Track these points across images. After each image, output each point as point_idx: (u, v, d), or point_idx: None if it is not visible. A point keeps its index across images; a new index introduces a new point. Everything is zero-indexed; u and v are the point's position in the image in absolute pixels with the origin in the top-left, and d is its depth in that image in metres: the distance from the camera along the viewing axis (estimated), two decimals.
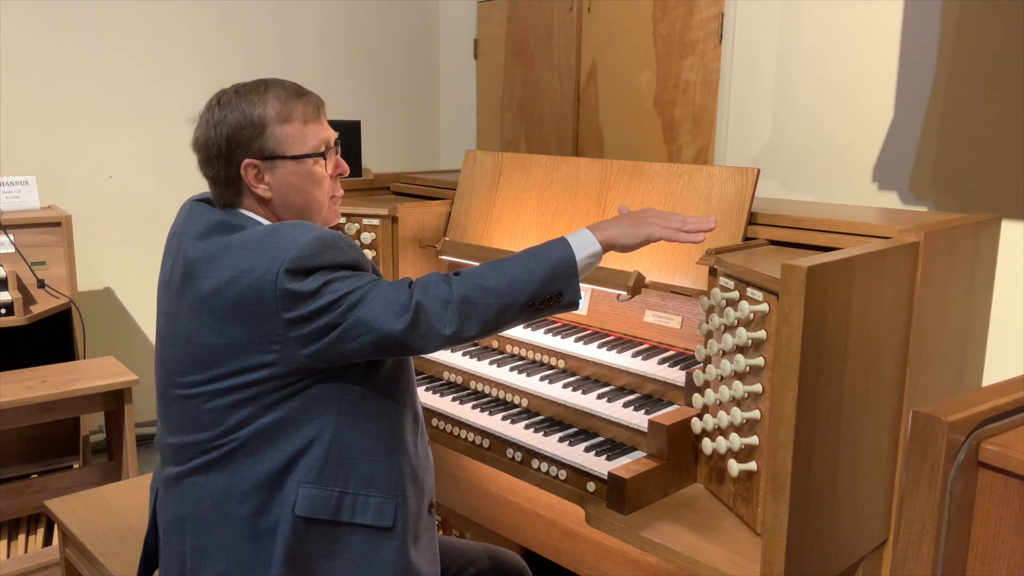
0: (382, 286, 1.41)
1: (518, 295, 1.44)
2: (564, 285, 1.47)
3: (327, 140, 1.55)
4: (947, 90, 2.63)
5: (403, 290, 1.40)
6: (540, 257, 1.47)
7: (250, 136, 1.48)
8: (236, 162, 1.49)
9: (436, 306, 1.40)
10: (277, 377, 1.41)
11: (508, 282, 1.43)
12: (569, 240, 1.50)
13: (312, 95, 1.57)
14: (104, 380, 2.77)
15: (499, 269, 1.45)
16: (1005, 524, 0.97)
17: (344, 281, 1.40)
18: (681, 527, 1.64)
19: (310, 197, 1.54)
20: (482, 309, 1.42)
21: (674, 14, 3.33)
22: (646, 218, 1.57)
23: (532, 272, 1.45)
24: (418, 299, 1.39)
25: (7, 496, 2.89)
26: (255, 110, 1.49)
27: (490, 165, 2.54)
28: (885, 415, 1.64)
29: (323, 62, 4.22)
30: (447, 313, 1.40)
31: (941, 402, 0.99)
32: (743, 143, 3.20)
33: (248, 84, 1.53)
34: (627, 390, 2.02)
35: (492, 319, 1.44)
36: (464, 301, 1.41)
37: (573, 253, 1.48)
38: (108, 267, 3.73)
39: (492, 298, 1.42)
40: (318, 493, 1.44)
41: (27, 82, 3.44)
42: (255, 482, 1.45)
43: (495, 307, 1.43)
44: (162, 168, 3.76)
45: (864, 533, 1.66)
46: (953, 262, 1.78)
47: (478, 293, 1.42)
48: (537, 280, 1.44)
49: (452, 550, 1.82)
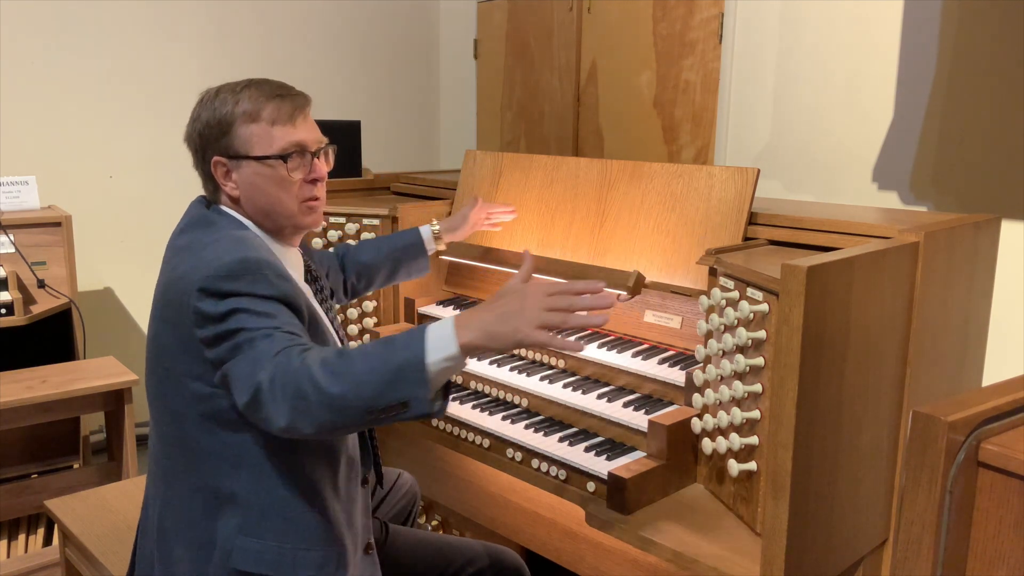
0: (263, 345, 1.28)
1: (356, 400, 1.22)
2: (410, 393, 1.22)
3: (299, 143, 1.52)
4: (947, 90, 2.63)
5: (262, 362, 1.26)
6: (387, 355, 1.24)
7: (218, 134, 1.50)
8: (208, 159, 1.52)
9: (276, 395, 1.24)
10: (206, 397, 1.39)
11: (351, 383, 1.22)
12: (427, 336, 1.25)
13: (293, 97, 1.54)
14: (104, 380, 2.77)
15: (348, 363, 1.24)
16: (1005, 524, 0.97)
17: (250, 317, 1.31)
18: (681, 527, 1.64)
19: (274, 199, 1.52)
20: (316, 410, 1.23)
21: (674, 14, 3.33)
22: (524, 313, 1.26)
23: (374, 372, 1.22)
24: (261, 380, 1.25)
25: (7, 496, 2.89)
26: (225, 108, 1.50)
27: (490, 165, 2.54)
28: (885, 415, 1.64)
29: (323, 62, 4.22)
30: (283, 407, 1.24)
31: (941, 402, 0.99)
32: (743, 143, 3.20)
33: (231, 83, 1.54)
34: (627, 390, 2.02)
35: (327, 423, 1.25)
36: (298, 397, 1.23)
37: (423, 355, 1.23)
38: (108, 267, 3.73)
39: (325, 399, 1.22)
40: (254, 545, 1.42)
41: (27, 82, 3.44)
42: (194, 512, 1.44)
43: (328, 411, 1.23)
44: (162, 168, 3.76)
45: (864, 533, 1.66)
46: (953, 262, 1.78)
47: (313, 391, 1.22)
48: (377, 383, 1.22)
49: (451, 549, 1.83)
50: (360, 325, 2.55)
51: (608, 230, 2.21)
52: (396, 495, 2.04)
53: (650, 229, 2.12)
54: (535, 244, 2.36)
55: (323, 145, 1.58)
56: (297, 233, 1.60)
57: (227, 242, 1.40)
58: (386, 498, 2.01)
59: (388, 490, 2.03)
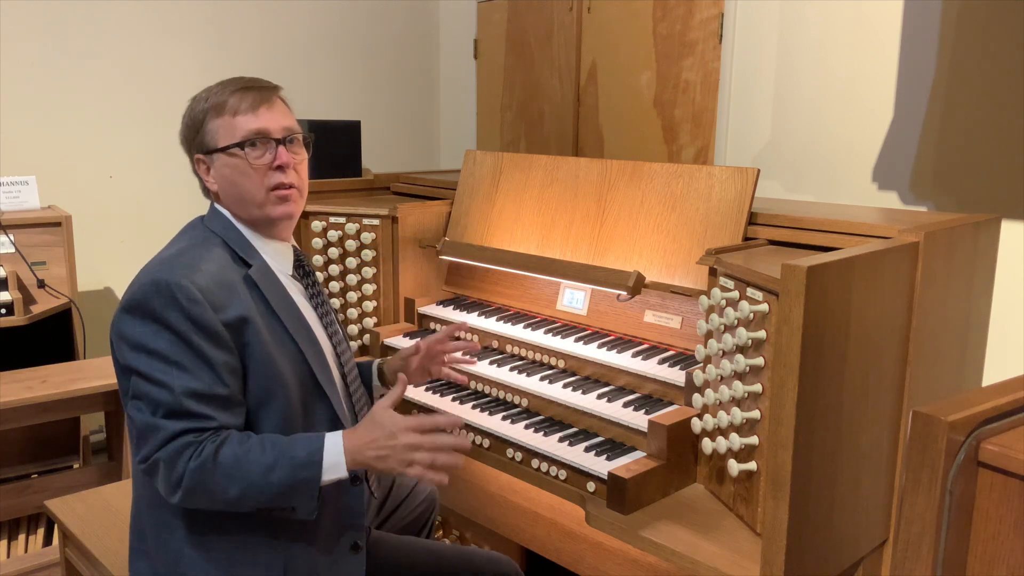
0: (164, 423, 1.36)
1: (245, 501, 1.38)
2: (300, 503, 1.40)
3: (260, 131, 1.52)
4: (947, 90, 2.63)
5: (159, 439, 1.36)
6: (282, 473, 1.37)
7: (194, 132, 1.56)
8: (192, 158, 1.58)
9: (171, 477, 1.36)
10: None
11: (240, 489, 1.36)
12: (324, 460, 1.39)
13: (259, 89, 1.56)
14: (104, 380, 2.77)
15: (242, 470, 1.36)
16: (1005, 524, 0.97)
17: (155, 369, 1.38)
18: (681, 527, 1.64)
19: (241, 189, 1.54)
20: (205, 502, 1.38)
21: (674, 14, 3.33)
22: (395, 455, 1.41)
23: (268, 486, 1.36)
24: (159, 458, 1.37)
25: (7, 496, 2.89)
26: (198, 107, 1.55)
27: (490, 165, 2.54)
28: (885, 415, 1.64)
29: (323, 62, 4.21)
30: (177, 492, 1.37)
31: (941, 402, 0.99)
32: (743, 143, 3.20)
33: (213, 84, 1.58)
34: (627, 390, 2.02)
35: (220, 508, 1.40)
36: (191, 491, 1.36)
37: (320, 475, 1.39)
38: (108, 267, 3.73)
39: (218, 497, 1.37)
40: (201, 554, 1.46)
41: (27, 82, 3.44)
42: (153, 520, 1.50)
43: (221, 504, 1.38)
44: (162, 168, 3.76)
45: (864, 533, 1.66)
46: (953, 262, 1.78)
47: (204, 489, 1.36)
48: (271, 495, 1.37)
49: (444, 557, 1.80)
50: (360, 325, 2.55)
51: (608, 230, 2.21)
52: (413, 502, 2.02)
53: (650, 229, 2.12)
54: (535, 244, 2.36)
55: (291, 133, 1.57)
56: (272, 225, 1.58)
57: (154, 263, 1.46)
58: (401, 505, 1.99)
59: (405, 496, 2.01)
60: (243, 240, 1.55)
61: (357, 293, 2.54)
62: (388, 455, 1.41)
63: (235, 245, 1.54)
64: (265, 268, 1.54)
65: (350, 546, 1.56)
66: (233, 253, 1.53)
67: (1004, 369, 2.35)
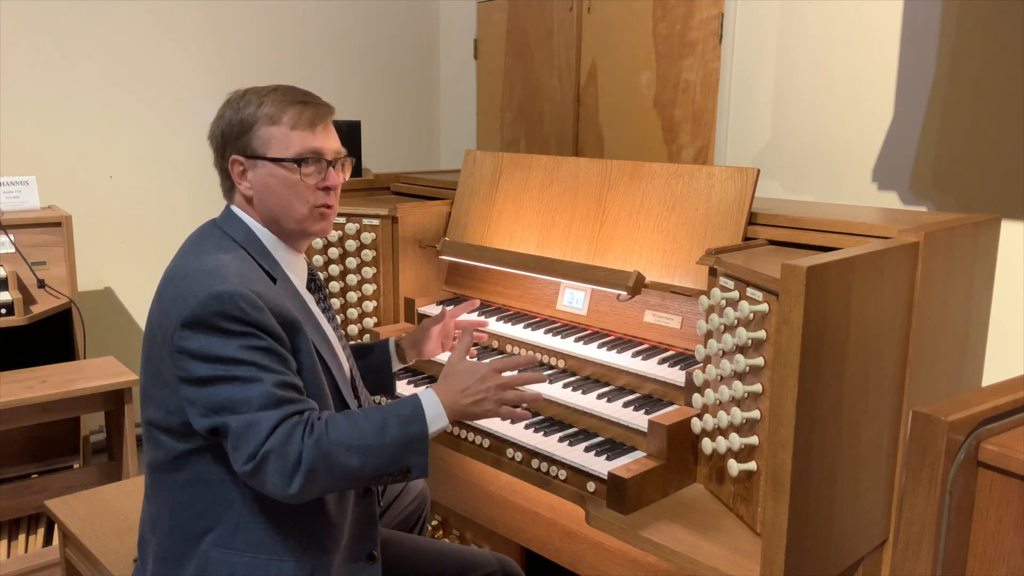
0: (264, 416, 1.34)
1: (365, 469, 1.38)
2: (414, 461, 1.42)
3: (316, 150, 1.53)
4: (947, 90, 2.63)
5: (261, 429, 1.33)
6: (395, 432, 1.40)
7: (239, 133, 1.53)
8: (227, 156, 1.55)
9: (286, 464, 1.33)
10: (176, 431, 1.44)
11: (360, 456, 1.37)
12: (425, 412, 1.45)
13: (317, 106, 1.56)
14: (104, 380, 2.77)
15: (357, 435, 1.38)
16: (1005, 524, 0.97)
17: (239, 369, 1.35)
18: (681, 527, 1.64)
19: (285, 202, 1.53)
20: (326, 480, 1.36)
21: (674, 14, 3.33)
22: (490, 399, 1.53)
23: (383, 448, 1.39)
24: (269, 449, 1.32)
25: (7, 496, 2.89)
26: (249, 109, 1.53)
27: (490, 165, 2.54)
28: (885, 415, 1.64)
29: (324, 62, 4.21)
30: (296, 477, 1.33)
31: (941, 402, 0.99)
32: (743, 143, 3.20)
33: (259, 87, 1.56)
34: (627, 390, 2.02)
35: (333, 489, 1.43)
36: (312, 471, 1.34)
37: (427, 428, 1.44)
38: (108, 267, 3.73)
39: (339, 470, 1.36)
40: (229, 558, 1.43)
41: (27, 82, 3.44)
42: (174, 523, 1.47)
43: (342, 480, 1.39)
44: (162, 168, 3.76)
45: (864, 533, 1.66)
46: (953, 262, 1.78)
47: (327, 465, 1.35)
48: (387, 457, 1.39)
49: (449, 556, 1.81)
50: (360, 325, 2.55)
51: (608, 230, 2.21)
52: (405, 499, 2.03)
53: (650, 229, 2.12)
54: (535, 244, 2.36)
55: (341, 156, 1.59)
56: (305, 239, 1.61)
57: (201, 274, 1.41)
58: (394, 502, 2.00)
59: (397, 494, 2.02)
60: (264, 251, 1.54)
61: (357, 293, 2.54)
62: (484, 398, 1.52)
63: (257, 256, 1.53)
64: (288, 282, 1.55)
65: (366, 556, 1.58)
66: (257, 265, 1.52)
67: (1004, 369, 2.35)
